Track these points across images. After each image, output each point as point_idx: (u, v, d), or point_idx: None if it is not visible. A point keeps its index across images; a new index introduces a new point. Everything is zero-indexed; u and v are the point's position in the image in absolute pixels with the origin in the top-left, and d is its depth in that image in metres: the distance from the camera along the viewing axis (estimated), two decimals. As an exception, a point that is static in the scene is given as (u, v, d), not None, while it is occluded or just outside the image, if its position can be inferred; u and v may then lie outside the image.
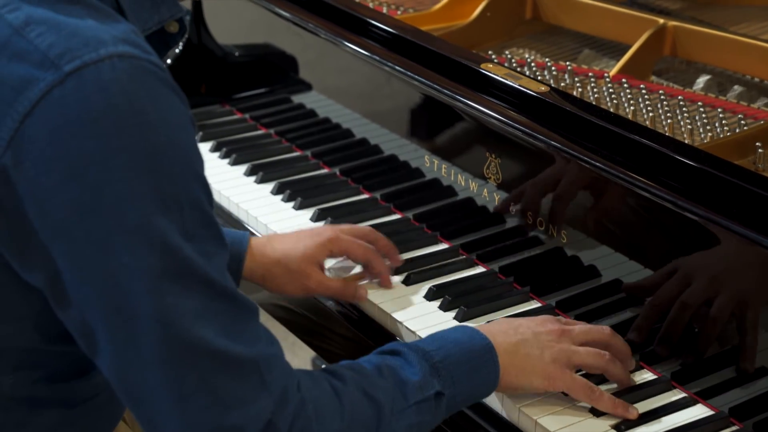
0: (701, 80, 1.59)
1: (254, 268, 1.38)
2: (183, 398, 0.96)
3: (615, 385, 1.24)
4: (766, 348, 1.16)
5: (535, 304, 1.40)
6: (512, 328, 1.20)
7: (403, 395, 1.09)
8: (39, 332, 1.03)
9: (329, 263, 1.45)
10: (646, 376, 1.26)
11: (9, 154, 0.93)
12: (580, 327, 1.25)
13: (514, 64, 1.63)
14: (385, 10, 1.84)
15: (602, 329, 1.25)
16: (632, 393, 1.22)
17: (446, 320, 1.37)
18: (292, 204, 1.64)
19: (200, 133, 1.86)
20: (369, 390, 1.08)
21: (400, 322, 1.36)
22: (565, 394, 1.21)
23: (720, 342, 1.21)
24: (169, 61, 1.96)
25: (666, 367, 1.26)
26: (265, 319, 1.66)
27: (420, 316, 1.38)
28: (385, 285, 1.42)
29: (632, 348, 1.26)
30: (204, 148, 1.83)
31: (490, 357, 1.16)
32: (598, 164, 1.29)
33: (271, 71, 1.91)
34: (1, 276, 0.99)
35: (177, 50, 1.97)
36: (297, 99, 1.84)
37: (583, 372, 1.23)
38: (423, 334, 1.32)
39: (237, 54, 1.98)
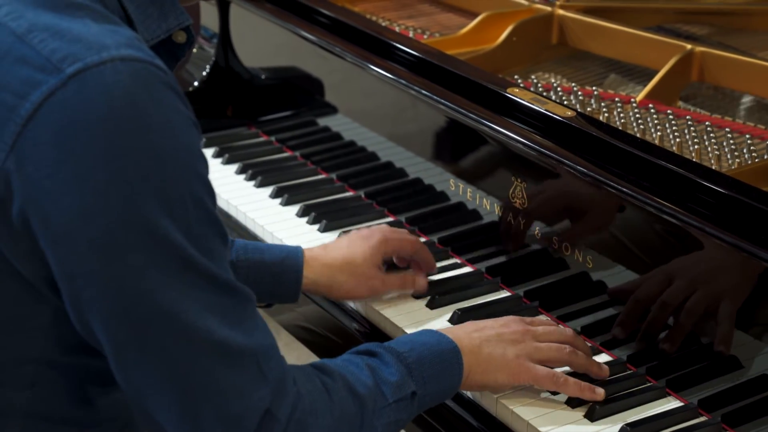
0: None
1: (317, 278, 1.41)
2: (185, 390, 0.98)
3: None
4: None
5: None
6: (476, 330, 1.25)
7: (383, 394, 1.12)
8: (54, 343, 1.03)
9: None
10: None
11: (12, 158, 0.93)
12: (544, 327, 1.29)
13: (541, 89, 1.63)
14: (411, 35, 1.84)
15: (564, 330, 1.30)
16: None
17: (470, 345, 1.36)
18: (317, 227, 1.65)
19: (226, 156, 1.87)
20: (354, 387, 1.10)
21: (424, 346, 1.36)
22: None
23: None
24: (196, 83, 1.98)
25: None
26: (291, 341, 1.67)
27: (444, 340, 1.37)
28: (433, 269, 1.49)
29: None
30: (229, 170, 1.84)
31: (456, 359, 1.20)
32: (624, 189, 1.28)
33: (296, 94, 1.92)
34: (10, 284, 1.00)
35: (204, 73, 1.98)
36: (322, 122, 1.84)
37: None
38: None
39: (263, 77, 1.99)
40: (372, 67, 1.65)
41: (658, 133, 1.48)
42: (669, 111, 1.53)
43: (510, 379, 1.24)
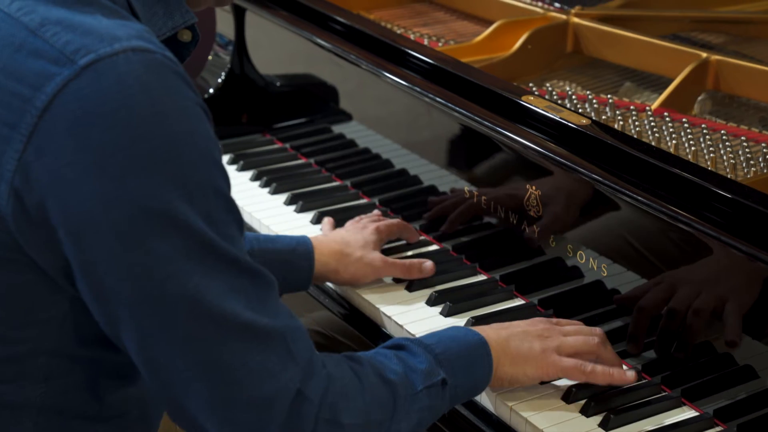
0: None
1: (327, 261, 1.46)
2: (214, 375, 0.98)
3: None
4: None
5: (574, 338, 1.39)
6: (503, 327, 1.27)
7: (413, 381, 1.13)
8: (69, 335, 1.04)
9: None
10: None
11: (31, 150, 0.95)
12: (571, 326, 1.30)
13: (555, 97, 1.63)
14: (426, 42, 1.85)
15: (592, 329, 1.31)
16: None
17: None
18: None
19: (241, 162, 1.87)
20: (384, 373, 1.11)
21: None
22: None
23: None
24: (211, 90, 1.98)
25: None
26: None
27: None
28: (414, 237, 1.58)
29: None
30: (244, 176, 1.84)
31: (484, 351, 1.21)
32: (639, 198, 1.28)
33: (311, 101, 1.92)
34: (27, 275, 1.00)
35: (219, 80, 1.99)
36: (337, 129, 1.85)
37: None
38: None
39: (278, 84, 2.00)
40: (387, 74, 1.65)
41: (674, 142, 1.48)
42: (684, 119, 1.53)
43: (538, 372, 1.24)
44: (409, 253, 1.58)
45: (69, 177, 0.94)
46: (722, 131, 1.51)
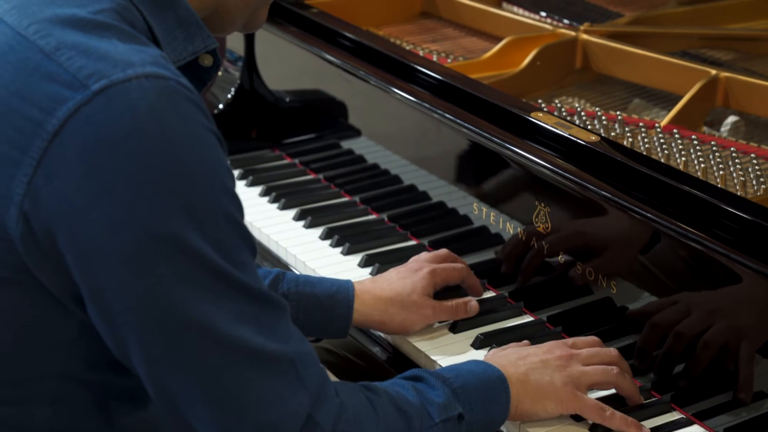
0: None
1: (370, 312, 1.40)
2: (222, 400, 0.98)
3: None
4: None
5: (583, 355, 1.39)
6: (520, 358, 1.25)
7: (429, 414, 1.12)
8: (77, 359, 1.04)
9: None
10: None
11: (41, 174, 0.95)
12: (588, 350, 1.28)
13: (564, 113, 1.63)
14: (435, 58, 1.85)
15: (609, 351, 1.29)
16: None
17: (493, 369, 1.35)
18: (339, 249, 1.65)
19: (250, 178, 1.87)
20: (400, 404, 1.10)
21: (447, 370, 1.36)
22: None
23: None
24: (221, 106, 1.99)
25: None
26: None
27: (467, 364, 1.37)
28: (480, 293, 1.49)
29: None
30: (253, 192, 1.84)
31: (503, 387, 1.20)
32: (648, 215, 1.28)
33: (320, 117, 1.93)
34: (36, 299, 1.00)
35: (229, 95, 1.99)
36: (346, 144, 1.85)
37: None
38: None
39: (287, 100, 2.00)
40: (395, 90, 1.65)
41: (683, 159, 1.47)
42: (694, 136, 1.53)
43: (559, 408, 1.23)
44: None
45: (78, 202, 0.94)
46: (732, 148, 1.50)
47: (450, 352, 1.39)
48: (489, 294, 1.53)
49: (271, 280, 1.38)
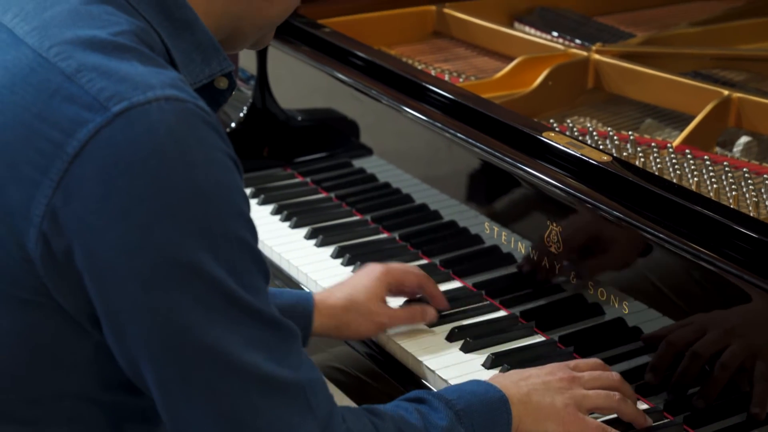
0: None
1: (325, 321, 1.43)
2: (233, 426, 0.98)
3: None
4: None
5: (595, 376, 1.38)
6: (522, 379, 1.25)
7: None
8: (93, 379, 1.04)
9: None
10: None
11: (59, 195, 0.95)
12: (590, 373, 1.28)
13: (576, 133, 1.63)
14: (447, 78, 1.85)
15: (611, 375, 1.29)
16: None
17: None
18: (351, 268, 1.65)
19: (261, 196, 1.88)
20: (404, 428, 1.10)
21: (458, 390, 1.35)
22: None
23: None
24: (233, 124, 2.00)
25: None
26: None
27: (478, 384, 1.36)
28: (442, 305, 1.49)
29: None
30: (265, 210, 1.85)
31: (505, 408, 1.20)
32: (661, 235, 1.28)
33: (332, 136, 1.93)
34: (53, 318, 1.00)
35: (241, 114, 2.00)
36: (357, 163, 1.85)
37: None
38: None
39: (299, 118, 2.01)
40: (407, 109, 1.66)
41: (695, 179, 1.47)
42: (706, 157, 1.53)
43: (560, 429, 1.22)
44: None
45: (95, 224, 0.94)
46: (744, 169, 1.50)
47: (462, 372, 1.38)
48: (500, 313, 1.52)
49: None
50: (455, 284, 1.60)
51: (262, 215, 1.83)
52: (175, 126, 0.94)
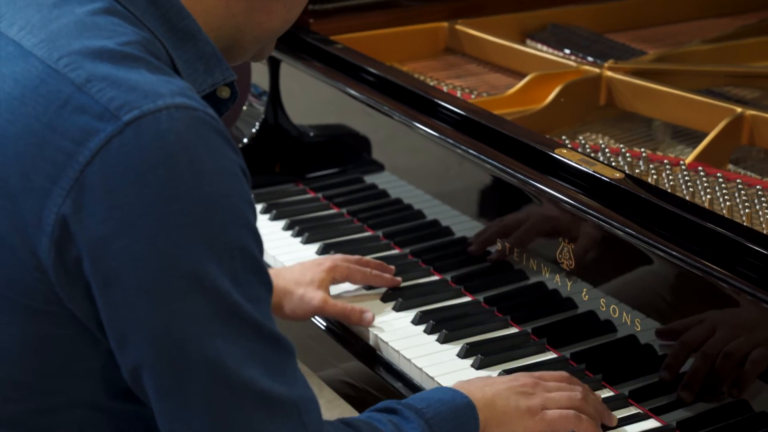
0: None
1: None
2: None
3: None
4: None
5: (607, 393, 1.37)
6: (487, 385, 1.27)
7: None
8: (104, 387, 1.04)
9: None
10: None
11: (69, 203, 0.95)
12: (554, 382, 1.31)
13: (588, 150, 1.62)
14: (459, 94, 1.86)
15: (574, 385, 1.32)
16: None
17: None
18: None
19: (273, 212, 1.88)
20: None
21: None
22: None
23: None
24: (246, 140, 2.00)
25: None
26: (333, 398, 1.67)
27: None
28: (394, 283, 1.60)
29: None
30: (277, 226, 1.85)
31: (472, 414, 1.22)
32: (673, 253, 1.27)
33: (344, 151, 1.93)
34: (66, 326, 1.01)
35: (253, 129, 2.01)
36: (369, 179, 1.85)
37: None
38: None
39: (311, 134, 2.01)
40: (419, 125, 1.66)
41: (708, 196, 1.47)
42: (719, 174, 1.52)
43: (526, 430, 1.25)
44: (445, 303, 1.57)
45: (103, 232, 0.95)
46: (758, 186, 1.50)
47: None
48: (512, 330, 1.52)
49: None
50: (466, 300, 1.59)
51: (273, 230, 1.84)
52: (184, 134, 0.95)
